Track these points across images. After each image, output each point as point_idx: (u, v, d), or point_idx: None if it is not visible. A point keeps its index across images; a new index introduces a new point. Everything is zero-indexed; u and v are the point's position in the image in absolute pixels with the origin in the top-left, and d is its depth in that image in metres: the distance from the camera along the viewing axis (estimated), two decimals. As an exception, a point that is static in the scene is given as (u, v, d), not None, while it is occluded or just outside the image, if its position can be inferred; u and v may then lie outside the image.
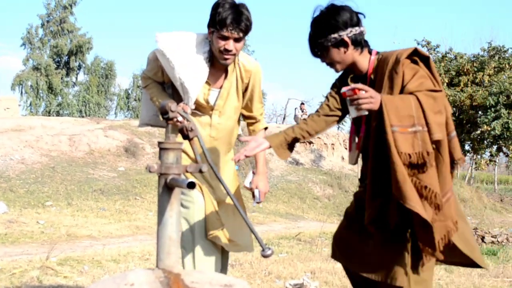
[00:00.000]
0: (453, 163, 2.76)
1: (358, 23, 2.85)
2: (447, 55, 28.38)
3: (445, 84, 26.88)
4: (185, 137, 2.23)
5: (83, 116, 35.36)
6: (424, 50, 2.77)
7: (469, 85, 27.01)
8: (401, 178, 2.58)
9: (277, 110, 55.08)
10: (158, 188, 2.13)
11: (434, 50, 28.67)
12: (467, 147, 29.94)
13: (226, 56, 3.14)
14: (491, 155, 29.26)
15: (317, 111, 3.12)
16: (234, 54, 3.16)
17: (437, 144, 2.68)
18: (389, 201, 2.73)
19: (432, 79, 2.74)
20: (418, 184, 2.65)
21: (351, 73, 2.98)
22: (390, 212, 2.75)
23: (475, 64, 27.08)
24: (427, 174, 2.65)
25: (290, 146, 3.06)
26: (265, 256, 2.51)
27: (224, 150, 3.42)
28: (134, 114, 40.41)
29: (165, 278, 2.11)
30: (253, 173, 3.58)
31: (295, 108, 27.40)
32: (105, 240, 8.83)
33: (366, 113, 2.68)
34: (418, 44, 28.81)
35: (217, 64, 3.25)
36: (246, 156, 2.92)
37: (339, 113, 3.09)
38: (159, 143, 2.13)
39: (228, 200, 3.36)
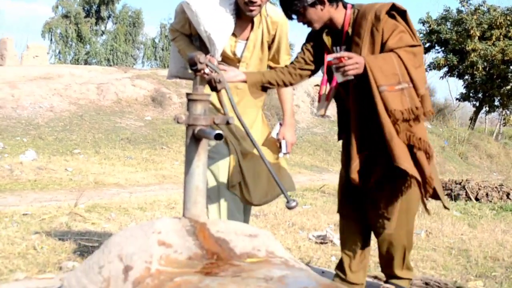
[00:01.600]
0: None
1: None
2: (480, 7, 27.81)
3: (477, 37, 26.45)
4: (213, 88, 2.25)
5: (110, 65, 35.47)
6: (401, 4, 2.74)
7: (502, 39, 26.53)
8: (389, 137, 2.66)
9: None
10: (186, 139, 2.16)
11: (467, 2, 28.10)
12: (496, 103, 29.64)
13: (252, 8, 3.12)
14: (521, 111, 28.97)
15: (292, 63, 3.13)
16: (260, 5, 3.15)
17: (421, 98, 2.75)
18: (375, 155, 2.81)
19: (410, 33, 2.76)
20: (412, 137, 2.72)
21: (327, 28, 2.96)
22: (376, 167, 2.85)
23: (508, 18, 26.52)
24: (419, 127, 2.73)
25: (264, 88, 3.11)
26: (289, 208, 2.53)
27: (252, 101, 3.43)
28: (161, 64, 40.37)
29: (191, 227, 2.15)
30: (280, 124, 3.60)
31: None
32: (132, 188, 8.97)
33: (352, 77, 2.69)
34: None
35: (244, 16, 3.24)
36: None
37: (313, 66, 3.11)
38: (187, 94, 2.15)
39: (255, 151, 3.39)
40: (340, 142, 3.24)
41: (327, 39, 2.97)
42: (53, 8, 41.72)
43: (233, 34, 3.27)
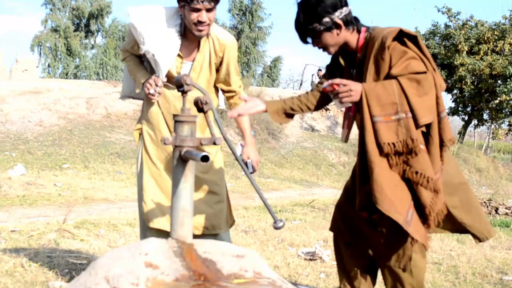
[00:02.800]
0: (442, 144, 2.71)
1: (346, 3, 2.79)
2: (468, 22, 28.04)
3: (465, 52, 26.64)
4: (200, 110, 2.26)
5: (100, 79, 35.45)
6: (410, 31, 2.66)
7: (489, 54, 26.74)
8: (370, 171, 2.61)
9: (294, 75, 54.81)
10: (173, 160, 2.17)
11: (455, 17, 28.33)
12: (485, 116, 29.80)
13: (201, 28, 3.10)
14: (510, 125, 29.11)
15: (316, 86, 3.09)
16: (208, 25, 3.13)
17: (427, 126, 2.65)
18: None
19: (422, 58, 2.67)
20: (408, 171, 2.63)
21: (342, 50, 2.91)
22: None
23: (496, 32, 26.75)
24: (418, 159, 2.62)
25: (288, 115, 3.04)
26: (276, 228, 2.54)
27: (200, 123, 3.38)
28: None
29: (178, 248, 2.16)
30: (241, 145, 3.61)
31: (312, 75, 27.28)
32: (121, 204, 8.94)
33: (350, 105, 2.68)
34: (439, 11, 28.54)
35: (190, 37, 3.22)
36: (239, 115, 2.93)
37: None
38: (174, 115, 2.17)
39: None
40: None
41: (343, 62, 2.94)
42: (42, 22, 41.77)
43: (179, 55, 3.25)
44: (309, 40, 2.87)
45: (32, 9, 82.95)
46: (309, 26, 2.78)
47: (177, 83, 2.25)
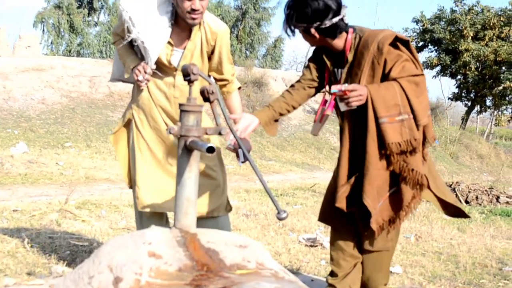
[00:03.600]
0: (424, 141, 2.82)
1: (336, 13, 2.76)
2: (474, 8, 27.89)
3: (470, 37, 26.53)
4: (206, 99, 2.24)
5: (103, 57, 35.35)
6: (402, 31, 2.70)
7: (494, 40, 26.64)
8: (366, 171, 2.72)
9: (297, 57, 54.58)
10: (178, 150, 2.16)
11: (461, 2, 28.17)
12: (488, 103, 29.76)
13: (194, 16, 3.07)
14: (513, 112, 29.09)
15: (299, 81, 3.10)
16: (202, 13, 3.10)
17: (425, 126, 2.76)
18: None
19: (414, 62, 2.76)
20: (405, 167, 2.73)
21: (327, 49, 2.93)
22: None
23: (502, 18, 26.63)
24: (414, 157, 2.73)
25: (277, 120, 3.08)
26: (280, 219, 2.53)
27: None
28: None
29: (182, 237, 2.16)
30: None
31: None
32: (123, 184, 8.90)
33: (355, 107, 2.69)
34: (445, -4, 28.41)
35: (182, 25, 3.18)
36: (242, 138, 2.91)
37: (317, 83, 3.09)
38: (180, 105, 2.15)
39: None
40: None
41: (327, 61, 2.96)
42: (45, -2, 41.48)
43: (169, 43, 3.21)
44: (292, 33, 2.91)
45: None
46: (288, 24, 2.84)
47: (184, 72, 2.23)
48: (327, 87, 3.01)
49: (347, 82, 2.80)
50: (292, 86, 3.11)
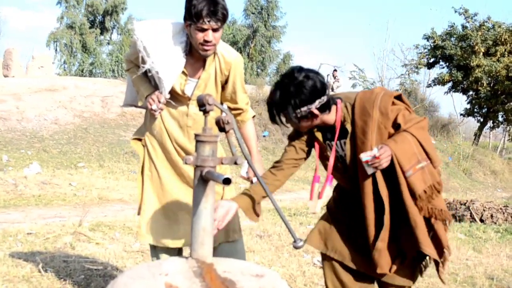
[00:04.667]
0: None
1: (324, 90, 2.72)
2: (485, 23, 27.88)
3: (481, 53, 26.49)
4: (221, 129, 2.25)
5: (115, 76, 35.58)
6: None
7: (506, 55, 26.59)
8: (413, 224, 2.65)
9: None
10: (194, 180, 2.16)
11: (472, 18, 28.19)
12: (500, 118, 29.65)
13: (207, 47, 3.06)
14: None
15: (281, 161, 3.00)
16: (214, 44, 3.08)
17: None
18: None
19: (409, 110, 2.77)
20: (434, 210, 2.70)
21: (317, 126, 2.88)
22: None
23: (513, 34, 26.58)
24: (438, 198, 2.71)
25: (259, 206, 2.95)
26: (296, 248, 2.53)
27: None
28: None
29: (198, 268, 2.15)
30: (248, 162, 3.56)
31: (327, 75, 27.10)
32: (136, 204, 8.90)
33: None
34: (456, 11, 28.42)
35: (195, 55, 3.17)
36: (219, 229, 2.80)
37: (303, 160, 3.02)
38: (196, 135, 2.16)
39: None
40: None
41: (318, 135, 2.90)
42: (58, 19, 41.90)
43: (184, 73, 3.21)
44: (280, 120, 2.81)
45: (50, 6, 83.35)
46: (284, 111, 2.73)
47: (199, 103, 2.24)
48: (318, 162, 2.96)
49: (353, 151, 2.76)
50: (275, 166, 3.01)
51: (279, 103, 2.71)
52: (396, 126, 2.70)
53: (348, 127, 2.78)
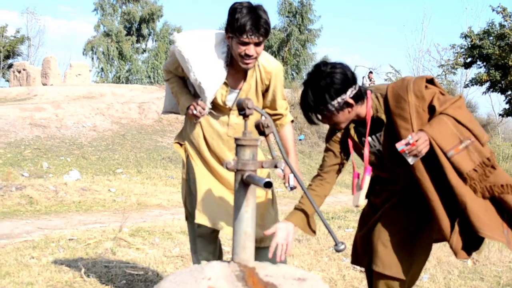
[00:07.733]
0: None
1: (355, 79, 2.72)
2: (523, 22, 27.40)
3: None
4: (261, 133, 2.25)
5: (152, 82, 35.92)
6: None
7: (545, 54, 26.08)
8: (463, 206, 2.59)
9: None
10: (235, 184, 2.17)
11: (510, 17, 27.72)
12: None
13: (247, 61, 3.06)
14: None
15: (324, 167, 3.02)
16: (255, 58, 3.08)
17: None
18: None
19: (443, 92, 2.72)
20: (494, 188, 2.62)
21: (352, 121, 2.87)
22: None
23: (552, 33, 26.08)
24: (496, 173, 2.63)
25: (313, 221, 2.98)
26: (338, 251, 2.52)
27: None
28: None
29: (240, 272, 2.16)
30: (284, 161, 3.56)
31: (363, 77, 27.01)
32: (174, 210, 9.02)
33: (423, 154, 2.61)
34: (493, 10, 27.99)
35: (236, 66, 3.17)
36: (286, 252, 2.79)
37: (344, 158, 3.03)
38: (236, 139, 2.16)
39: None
40: None
41: (352, 131, 2.90)
42: (95, 27, 42.54)
43: (225, 84, 3.21)
44: (317, 118, 2.80)
45: (83, 14, 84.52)
46: (320, 107, 2.71)
47: (239, 107, 2.24)
48: (354, 162, 2.95)
49: (389, 141, 2.73)
50: (321, 176, 3.02)
51: (313, 100, 2.70)
52: (432, 110, 2.66)
53: (383, 117, 2.75)
